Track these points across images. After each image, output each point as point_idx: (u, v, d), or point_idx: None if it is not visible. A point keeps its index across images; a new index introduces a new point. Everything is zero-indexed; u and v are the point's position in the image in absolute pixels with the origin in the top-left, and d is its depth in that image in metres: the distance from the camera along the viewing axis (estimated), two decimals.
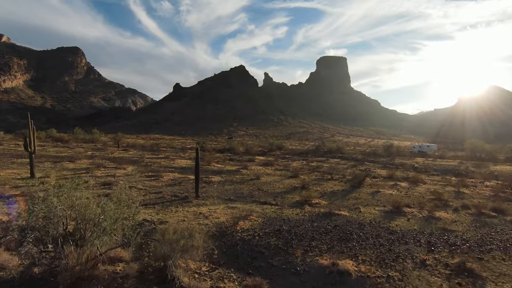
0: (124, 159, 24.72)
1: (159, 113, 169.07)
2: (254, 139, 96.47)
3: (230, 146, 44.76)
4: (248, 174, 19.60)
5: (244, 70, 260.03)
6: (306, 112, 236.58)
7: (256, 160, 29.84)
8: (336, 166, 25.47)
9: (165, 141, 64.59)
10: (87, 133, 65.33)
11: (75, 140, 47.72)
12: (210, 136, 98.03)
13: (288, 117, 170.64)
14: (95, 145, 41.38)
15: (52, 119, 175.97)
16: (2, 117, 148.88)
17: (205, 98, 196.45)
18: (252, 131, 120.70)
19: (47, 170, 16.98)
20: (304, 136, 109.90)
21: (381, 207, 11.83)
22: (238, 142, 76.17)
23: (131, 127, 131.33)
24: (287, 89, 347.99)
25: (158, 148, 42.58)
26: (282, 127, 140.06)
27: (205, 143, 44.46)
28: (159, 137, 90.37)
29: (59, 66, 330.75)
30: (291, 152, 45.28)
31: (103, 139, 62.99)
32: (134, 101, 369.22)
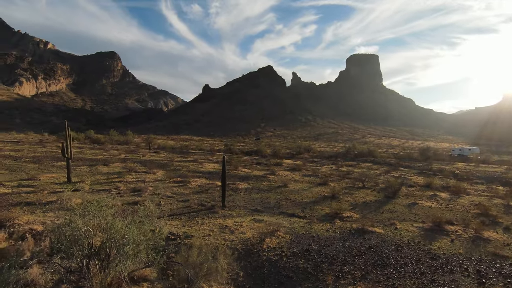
0: (155, 163, 25.36)
1: (189, 114, 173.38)
2: (282, 140, 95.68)
3: (257, 148, 44.59)
4: (276, 180, 19.19)
5: (271, 70, 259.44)
6: (335, 112, 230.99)
7: (283, 164, 29.33)
8: (368, 172, 24.29)
9: (194, 143, 65.94)
10: (121, 134, 68.35)
11: (110, 141, 50.01)
12: (237, 137, 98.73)
13: (317, 117, 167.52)
14: (129, 147, 43.07)
15: (91, 120, 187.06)
16: (47, 119, 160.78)
17: (233, 99, 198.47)
18: (280, 132, 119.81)
19: (82, 175, 17.77)
20: (333, 137, 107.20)
21: (419, 223, 10.91)
22: (265, 144, 76.00)
23: (162, 128, 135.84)
24: (315, 88, 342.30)
25: (187, 150, 43.41)
26: (310, 127, 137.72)
27: (232, 145, 44.65)
28: (189, 138, 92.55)
29: (98, 70, 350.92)
30: (320, 155, 44.13)
31: (136, 140, 65.55)
32: (166, 102, 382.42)
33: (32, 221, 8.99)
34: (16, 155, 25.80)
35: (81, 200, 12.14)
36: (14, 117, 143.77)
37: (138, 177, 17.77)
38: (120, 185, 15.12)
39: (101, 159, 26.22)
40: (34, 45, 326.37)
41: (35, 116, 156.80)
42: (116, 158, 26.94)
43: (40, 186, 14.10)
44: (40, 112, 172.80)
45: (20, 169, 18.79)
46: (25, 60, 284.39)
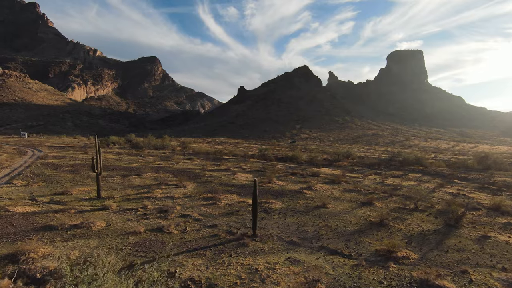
0: (187, 172, 24.83)
1: (224, 116, 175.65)
2: (318, 143, 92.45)
3: (292, 153, 42.80)
4: (313, 197, 17.42)
5: (307, 70, 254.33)
6: (374, 112, 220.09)
7: (321, 174, 27.28)
8: (418, 187, 21.50)
9: (228, 147, 65.78)
10: (159, 137, 70.18)
11: (148, 146, 51.25)
12: (272, 140, 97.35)
13: (355, 118, 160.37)
14: (164, 152, 43.62)
15: (133, 122, 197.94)
16: (94, 121, 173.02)
17: (268, 100, 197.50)
18: (316, 134, 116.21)
19: (114, 188, 17.52)
20: (373, 140, 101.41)
21: (499, 270, 8.61)
22: (300, 148, 73.68)
23: (199, 130, 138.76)
24: (353, 87, 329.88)
25: (221, 156, 42.90)
26: (348, 129, 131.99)
27: (266, 151, 43.28)
28: (224, 140, 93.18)
29: (140, 75, 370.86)
30: (360, 162, 41.09)
31: (172, 144, 66.87)
32: (203, 104, 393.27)
33: (47, 255, 8.36)
34: (58, 163, 26.80)
35: (105, 222, 11.51)
36: (66, 120, 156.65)
37: (168, 192, 17.09)
38: (147, 203, 14.44)
39: (135, 167, 26.33)
40: (85, 53, 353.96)
41: (84, 119, 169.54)
42: (150, 167, 26.90)
43: (69, 203, 13.85)
44: (89, 115, 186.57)
45: (56, 181, 19.10)
46: (77, 67, 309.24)
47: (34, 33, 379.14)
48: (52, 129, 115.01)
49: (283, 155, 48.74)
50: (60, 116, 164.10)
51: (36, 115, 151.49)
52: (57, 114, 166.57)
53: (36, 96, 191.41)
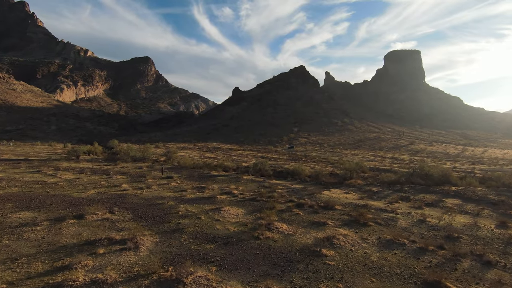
0: (154, 207, 18.05)
1: (219, 118, 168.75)
2: (318, 148, 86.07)
3: (294, 168, 36.23)
4: (340, 269, 10.76)
5: (304, 70, 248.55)
6: (373, 114, 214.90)
7: (336, 204, 20.60)
8: (477, 230, 15.04)
9: (220, 155, 59.04)
10: (145, 143, 63.45)
11: (125, 157, 44.26)
12: (268, 145, 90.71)
13: (354, 120, 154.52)
14: (141, 166, 36.72)
15: (123, 125, 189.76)
16: (81, 124, 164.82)
17: (264, 101, 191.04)
18: (315, 138, 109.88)
19: (10, 257, 10.58)
20: (376, 144, 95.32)
21: None
22: (300, 154, 67.31)
23: (191, 134, 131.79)
24: (350, 88, 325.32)
25: (209, 170, 36.12)
26: (348, 132, 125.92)
27: (264, 165, 36.63)
28: (216, 146, 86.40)
29: (133, 75, 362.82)
30: (376, 178, 34.65)
31: (158, 152, 59.88)
32: (197, 105, 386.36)
33: None
34: None
35: None
36: (50, 123, 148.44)
37: (101, 265, 10.28)
38: None
39: (87, 198, 19.49)
40: (75, 53, 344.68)
41: (70, 122, 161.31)
42: (108, 197, 20.06)
43: None
44: (76, 117, 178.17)
45: None
46: (66, 67, 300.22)
47: (23, 33, 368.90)
48: (30, 135, 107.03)
49: (282, 167, 42.08)
50: (45, 119, 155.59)
51: (18, 119, 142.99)
52: (42, 117, 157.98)
53: (20, 98, 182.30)
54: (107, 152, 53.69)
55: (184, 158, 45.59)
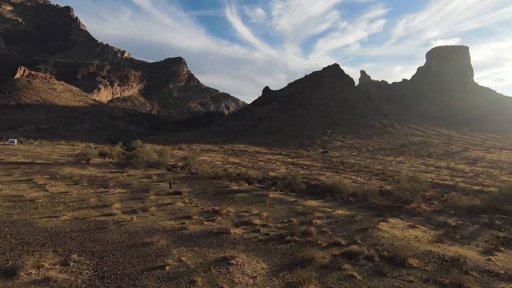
0: (131, 256, 11.99)
1: (248, 119, 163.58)
2: (356, 153, 77.12)
3: (332, 183, 29.07)
4: None
5: (337, 68, 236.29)
6: (414, 115, 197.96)
7: (408, 258, 13.18)
8: None
9: (246, 160, 52.90)
10: (170, 144, 59.31)
11: (139, 163, 39.56)
12: (300, 149, 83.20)
13: (394, 122, 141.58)
14: (150, 175, 31.48)
15: (154, 124, 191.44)
16: (113, 123, 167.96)
17: (295, 101, 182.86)
18: (351, 141, 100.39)
19: None
20: (423, 150, 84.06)
21: None
22: (337, 161, 59.29)
23: (219, 134, 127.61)
24: (387, 87, 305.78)
25: (229, 182, 29.98)
26: (388, 135, 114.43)
27: (295, 177, 29.78)
28: (243, 148, 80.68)
29: (166, 76, 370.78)
30: (439, 197, 26.40)
31: (178, 154, 55.19)
32: (227, 105, 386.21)
33: None
34: None
35: None
36: (85, 122, 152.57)
37: None
38: None
39: (52, 230, 13.98)
40: (113, 55, 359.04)
41: (103, 121, 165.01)
42: (84, 227, 14.48)
43: None
44: (109, 116, 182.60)
45: None
46: (104, 68, 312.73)
47: (67, 36, 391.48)
48: (60, 133, 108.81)
49: (317, 179, 34.84)
50: (80, 117, 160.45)
51: (55, 117, 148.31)
52: (77, 115, 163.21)
53: (59, 97, 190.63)
54: (124, 155, 49.81)
55: (203, 165, 39.97)
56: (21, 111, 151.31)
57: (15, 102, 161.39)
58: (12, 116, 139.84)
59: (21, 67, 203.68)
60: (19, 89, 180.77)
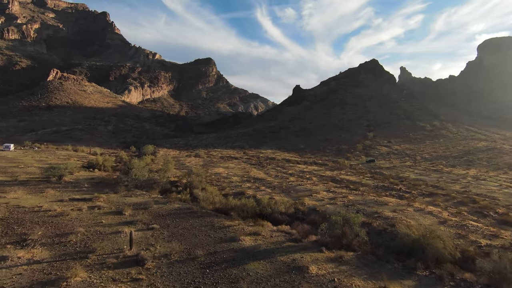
0: None
1: (276, 120, 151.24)
2: (410, 162, 62.03)
3: (416, 235, 16.44)
4: None
5: (376, 65, 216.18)
6: (467, 115, 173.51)
7: None
8: None
9: (272, 173, 40.88)
10: (190, 148, 49.58)
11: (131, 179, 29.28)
12: (338, 156, 69.38)
13: (447, 123, 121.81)
14: (122, 211, 20.61)
15: (180, 126, 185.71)
16: (139, 124, 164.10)
17: (328, 101, 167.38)
18: (399, 146, 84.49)
19: None
20: (497, 158, 66.55)
21: None
22: (389, 176, 45.40)
23: (245, 137, 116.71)
24: (432, 85, 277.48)
25: (238, 224, 18.27)
26: (443, 139, 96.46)
27: (350, 220, 17.52)
28: (270, 155, 68.73)
29: (195, 76, 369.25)
30: None
31: (190, 164, 44.76)
32: (256, 106, 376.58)
33: None
34: None
35: None
36: (109, 123, 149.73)
37: None
38: None
39: None
40: (144, 57, 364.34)
41: (128, 122, 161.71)
42: None
43: None
44: (135, 118, 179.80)
45: None
46: (135, 70, 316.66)
47: (103, 40, 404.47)
48: (75, 136, 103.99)
49: (379, 215, 21.86)
50: (106, 119, 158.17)
51: (81, 118, 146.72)
52: (103, 117, 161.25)
53: (88, 98, 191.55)
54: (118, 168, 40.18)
55: (212, 188, 28.58)
56: (50, 113, 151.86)
57: (46, 104, 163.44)
58: (40, 118, 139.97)
59: (53, 70, 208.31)
60: (50, 91, 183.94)
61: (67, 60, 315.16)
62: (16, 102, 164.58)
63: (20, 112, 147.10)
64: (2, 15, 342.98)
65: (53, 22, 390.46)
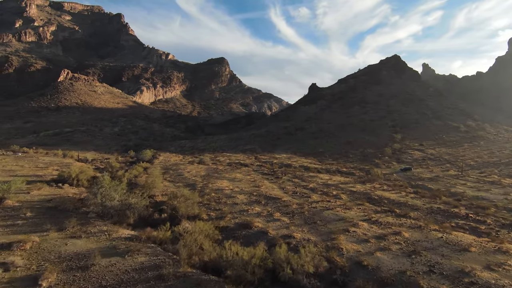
0: None
1: (291, 120, 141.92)
2: (454, 170, 51.71)
3: None
4: None
5: (398, 60, 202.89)
6: (501, 114, 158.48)
7: None
8: None
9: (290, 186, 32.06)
10: (198, 152, 41.30)
11: (99, 201, 21.27)
12: (365, 163, 59.56)
13: (483, 124, 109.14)
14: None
15: (190, 127, 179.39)
16: (148, 125, 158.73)
17: (347, 100, 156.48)
18: (434, 150, 73.73)
19: None
20: None
21: None
22: (442, 194, 35.66)
23: (257, 139, 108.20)
24: (457, 83, 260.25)
25: None
26: (483, 141, 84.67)
27: None
28: (285, 160, 59.87)
29: (208, 76, 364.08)
30: None
31: (188, 175, 36.73)
32: (270, 106, 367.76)
33: None
34: None
35: None
36: (117, 124, 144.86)
37: None
38: None
39: None
40: (157, 57, 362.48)
41: (137, 123, 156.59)
42: None
43: None
44: (145, 118, 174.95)
45: None
46: (148, 70, 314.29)
47: (117, 41, 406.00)
48: (74, 139, 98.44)
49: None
50: (114, 120, 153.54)
51: (88, 119, 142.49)
52: (111, 118, 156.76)
53: (98, 99, 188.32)
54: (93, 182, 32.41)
55: (199, 228, 20.03)
56: (58, 114, 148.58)
57: (55, 105, 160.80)
58: (47, 119, 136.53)
59: (64, 70, 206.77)
60: (61, 91, 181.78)
61: (82, 61, 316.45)
62: (25, 103, 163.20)
63: (28, 113, 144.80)
64: (20, 18, 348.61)
65: (69, 25, 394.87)
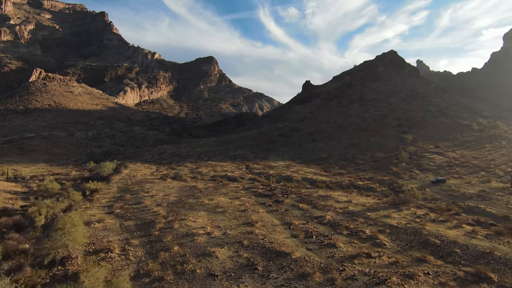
0: None
1: (286, 120, 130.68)
2: (495, 182, 41.20)
3: None
4: None
5: (395, 56, 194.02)
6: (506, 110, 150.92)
7: None
8: None
9: (299, 224, 20.48)
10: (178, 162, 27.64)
11: None
12: (380, 171, 48.53)
13: (495, 121, 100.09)
14: None
15: (176, 129, 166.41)
16: (128, 128, 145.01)
17: (344, 97, 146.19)
18: (454, 153, 63.47)
19: None
20: None
21: None
22: None
23: (249, 142, 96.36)
24: (453, 79, 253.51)
25: None
26: (505, 141, 75.02)
27: None
28: (284, 167, 48.40)
29: (196, 76, 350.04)
30: None
31: (153, 199, 24.39)
32: (261, 106, 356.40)
33: None
34: None
35: None
36: (93, 127, 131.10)
37: None
38: None
39: None
40: (143, 56, 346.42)
41: (117, 126, 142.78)
42: None
43: None
44: (127, 121, 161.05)
45: None
46: (133, 70, 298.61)
47: (101, 40, 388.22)
48: (29, 147, 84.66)
49: None
50: (91, 122, 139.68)
51: (61, 123, 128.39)
52: (88, 120, 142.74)
53: (75, 100, 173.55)
54: None
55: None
56: (26, 117, 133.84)
57: (24, 107, 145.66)
58: (11, 123, 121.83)
59: (36, 69, 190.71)
60: (31, 92, 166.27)
61: (62, 61, 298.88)
62: None
63: None
64: None
65: (49, 23, 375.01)
